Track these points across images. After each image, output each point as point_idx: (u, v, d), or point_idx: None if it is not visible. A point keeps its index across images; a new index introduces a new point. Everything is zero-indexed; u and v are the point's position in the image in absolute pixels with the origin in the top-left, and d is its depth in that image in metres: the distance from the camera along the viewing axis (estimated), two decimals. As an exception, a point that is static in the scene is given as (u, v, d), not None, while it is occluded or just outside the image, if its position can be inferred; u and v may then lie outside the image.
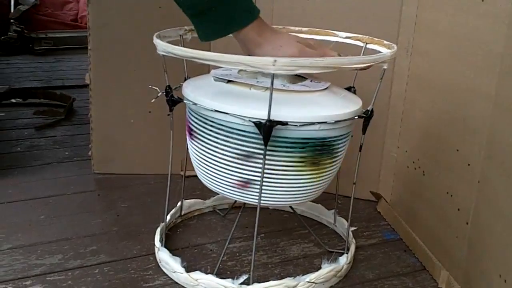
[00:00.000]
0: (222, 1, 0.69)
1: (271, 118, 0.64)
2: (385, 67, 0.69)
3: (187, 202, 0.99)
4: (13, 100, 1.67)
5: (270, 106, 0.63)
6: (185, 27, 0.82)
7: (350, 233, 0.91)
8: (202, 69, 0.82)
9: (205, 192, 1.03)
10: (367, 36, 0.84)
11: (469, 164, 0.79)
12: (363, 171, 1.06)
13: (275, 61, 0.59)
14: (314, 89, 0.74)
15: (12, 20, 2.51)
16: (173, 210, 0.95)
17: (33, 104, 1.65)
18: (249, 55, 0.75)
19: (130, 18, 1.05)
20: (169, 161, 0.79)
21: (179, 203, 0.97)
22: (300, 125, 0.67)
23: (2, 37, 2.48)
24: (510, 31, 0.70)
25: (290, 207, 0.93)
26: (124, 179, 1.14)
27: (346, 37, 0.86)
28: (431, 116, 0.91)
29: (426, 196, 0.92)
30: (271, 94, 0.62)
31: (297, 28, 0.91)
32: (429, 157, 0.91)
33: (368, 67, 0.73)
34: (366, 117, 0.74)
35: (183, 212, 0.98)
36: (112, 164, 1.15)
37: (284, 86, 0.73)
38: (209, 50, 0.64)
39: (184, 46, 0.67)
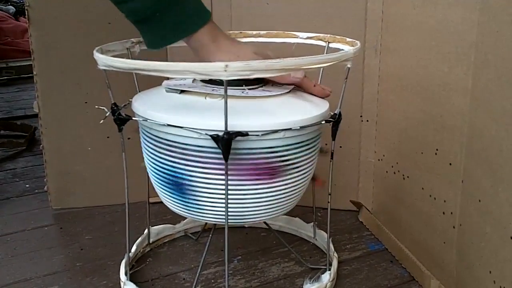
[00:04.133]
0: (167, 5, 0.63)
1: (229, 129, 0.58)
2: (349, 66, 0.64)
3: (155, 228, 0.92)
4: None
5: (226, 116, 0.57)
6: (132, 39, 0.75)
7: (332, 247, 0.85)
8: (158, 84, 0.76)
9: (176, 216, 0.95)
10: (329, 35, 0.79)
11: (450, 164, 0.73)
12: (341, 180, 1.02)
13: (226, 66, 0.53)
14: (275, 93, 0.68)
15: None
16: (140, 239, 0.88)
17: (-7, 137, 1.56)
18: None
19: (77, 37, 0.98)
20: (125, 187, 0.72)
21: (146, 231, 0.90)
22: (262, 134, 0.60)
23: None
24: (482, 18, 0.65)
25: (266, 223, 0.87)
26: (88, 209, 1.07)
27: (307, 38, 0.81)
28: (406, 116, 0.85)
29: (408, 202, 0.86)
30: (225, 103, 0.56)
31: (254, 32, 0.85)
32: (408, 160, 0.86)
33: (328, 94, 0.71)
34: (334, 121, 0.68)
35: (151, 240, 0.90)
36: (72, 198, 1.06)
37: (243, 92, 0.67)
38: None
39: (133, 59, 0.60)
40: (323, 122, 0.67)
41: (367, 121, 0.98)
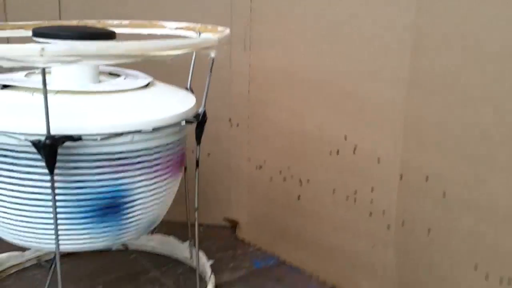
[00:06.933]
0: None
1: (57, 132, 0.46)
2: (212, 56, 0.54)
3: (-2, 257, 0.77)
4: None
5: (47, 115, 0.44)
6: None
7: (208, 269, 0.74)
8: None
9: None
10: (200, 24, 0.69)
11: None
12: (215, 192, 0.90)
13: (43, 49, 0.41)
14: (127, 88, 0.56)
15: None
16: (-25, 272, 0.72)
17: None
18: None
19: None
20: None
21: (-16, 261, 0.74)
22: (101, 139, 0.49)
23: None
24: None
25: (123, 245, 0.74)
26: None
27: (177, 28, 0.70)
28: (283, 118, 0.77)
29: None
30: (45, 99, 0.44)
31: (116, 22, 0.73)
32: (294, 162, 0.77)
33: None
34: (198, 122, 0.57)
35: (-6, 271, 0.75)
36: None
37: (82, 86, 0.55)
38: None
39: None
40: (183, 123, 0.56)
41: (239, 124, 0.87)
